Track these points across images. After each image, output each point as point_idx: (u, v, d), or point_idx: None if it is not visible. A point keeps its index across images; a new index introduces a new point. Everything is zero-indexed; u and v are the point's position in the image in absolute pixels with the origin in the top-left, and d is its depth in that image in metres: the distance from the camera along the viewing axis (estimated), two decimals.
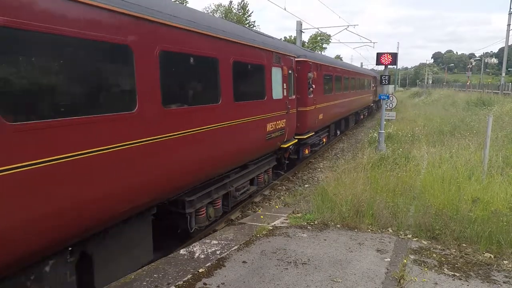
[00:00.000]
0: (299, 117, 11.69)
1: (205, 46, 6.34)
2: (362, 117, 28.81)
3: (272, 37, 11.55)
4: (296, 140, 11.61)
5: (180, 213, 6.31)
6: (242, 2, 53.50)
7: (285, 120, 10.13)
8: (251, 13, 53.79)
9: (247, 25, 48.83)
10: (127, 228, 5.06)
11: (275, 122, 9.42)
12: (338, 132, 20.40)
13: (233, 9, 53.04)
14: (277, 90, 9.62)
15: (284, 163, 11.60)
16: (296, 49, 14.05)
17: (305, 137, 12.35)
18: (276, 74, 9.54)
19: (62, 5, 3.79)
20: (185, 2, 42.96)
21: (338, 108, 17.90)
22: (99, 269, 4.60)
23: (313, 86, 13.00)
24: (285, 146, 10.53)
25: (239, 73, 7.53)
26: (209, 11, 51.22)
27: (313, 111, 13.17)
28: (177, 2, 18.25)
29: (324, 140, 16.06)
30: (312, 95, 12.90)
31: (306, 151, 13.10)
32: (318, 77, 13.75)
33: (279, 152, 10.74)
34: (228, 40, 7.07)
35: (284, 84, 10.09)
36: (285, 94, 10.12)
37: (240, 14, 52.63)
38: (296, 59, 11.61)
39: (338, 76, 17.95)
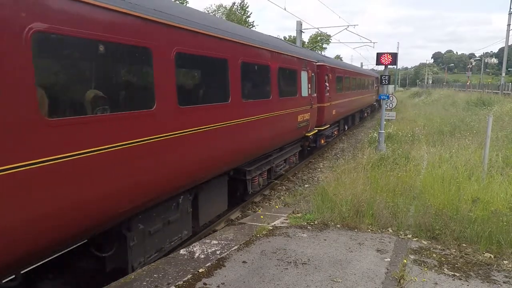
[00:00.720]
0: (318, 111, 13.73)
1: (264, 57, 8.76)
2: (365, 114, 31.27)
3: (299, 47, 15.44)
4: (316, 131, 13.82)
5: (241, 180, 8.55)
6: (242, 3, 53.45)
7: (309, 113, 12.35)
8: (250, 14, 53.86)
9: (246, 25, 48.79)
10: (215, 183, 7.17)
11: (303, 115, 11.64)
12: (346, 127, 22.55)
13: (235, 10, 52.99)
14: (304, 89, 11.83)
15: (306, 149, 14.14)
16: (316, 55, 16.98)
17: (322, 128, 14.59)
18: (304, 76, 11.84)
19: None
20: (185, 2, 42.87)
21: (347, 105, 20.20)
22: (202, 206, 6.80)
23: (329, 86, 15.33)
24: (309, 134, 12.82)
25: (281, 76, 9.73)
26: (209, 12, 51.17)
27: (328, 107, 15.40)
28: (177, 2, 18.22)
29: (336, 133, 18.67)
30: (328, 94, 15.18)
31: (322, 141, 15.35)
32: (332, 79, 16.22)
33: (302, 140, 12.93)
34: (275, 51, 9.38)
35: (309, 84, 12.31)
36: (309, 92, 12.35)
37: (240, 14, 52.59)
38: (316, 63, 13.87)
39: (347, 77, 20.39)
